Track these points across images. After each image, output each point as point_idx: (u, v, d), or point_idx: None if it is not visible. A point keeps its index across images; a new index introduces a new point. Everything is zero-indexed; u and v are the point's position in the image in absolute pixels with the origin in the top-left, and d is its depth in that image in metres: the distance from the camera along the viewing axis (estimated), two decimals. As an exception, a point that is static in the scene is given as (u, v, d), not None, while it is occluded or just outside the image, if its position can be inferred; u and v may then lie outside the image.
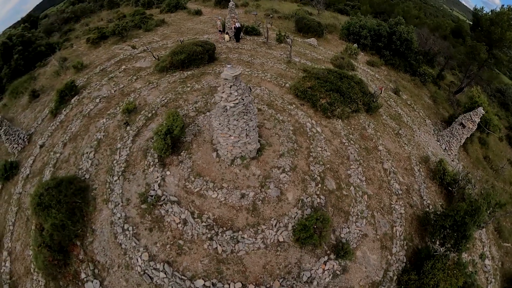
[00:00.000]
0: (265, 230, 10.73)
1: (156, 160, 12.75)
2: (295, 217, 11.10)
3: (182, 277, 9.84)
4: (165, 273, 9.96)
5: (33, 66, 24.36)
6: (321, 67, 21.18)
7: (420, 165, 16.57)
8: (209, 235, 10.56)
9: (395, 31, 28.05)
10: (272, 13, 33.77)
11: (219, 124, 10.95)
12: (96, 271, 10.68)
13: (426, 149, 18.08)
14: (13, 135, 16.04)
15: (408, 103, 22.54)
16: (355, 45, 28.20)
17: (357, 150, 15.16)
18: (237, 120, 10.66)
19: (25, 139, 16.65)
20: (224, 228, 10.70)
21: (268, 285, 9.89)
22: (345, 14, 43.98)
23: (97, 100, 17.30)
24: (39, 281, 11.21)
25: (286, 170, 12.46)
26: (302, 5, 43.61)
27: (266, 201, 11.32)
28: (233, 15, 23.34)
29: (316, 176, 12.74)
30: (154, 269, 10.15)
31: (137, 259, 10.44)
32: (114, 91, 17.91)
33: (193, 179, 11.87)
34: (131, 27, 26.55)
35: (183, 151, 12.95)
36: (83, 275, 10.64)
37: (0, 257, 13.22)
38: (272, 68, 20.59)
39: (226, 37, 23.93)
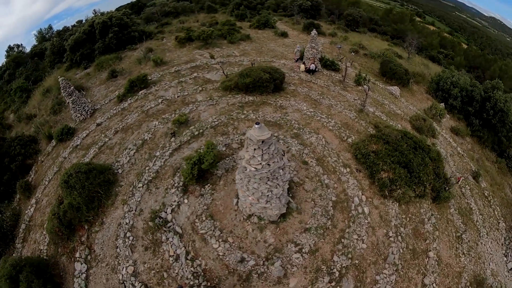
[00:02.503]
0: (247, 309, 10.13)
1: (181, 184, 13.25)
2: (286, 310, 10.22)
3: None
4: (139, 294, 10.27)
5: (123, 48, 28.23)
6: (396, 126, 19.09)
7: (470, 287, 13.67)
8: (191, 283, 10.41)
9: (490, 96, 24.41)
10: (358, 49, 32.59)
11: (240, 179, 10.55)
12: (89, 257, 11.85)
13: (487, 265, 14.87)
14: (79, 106, 18.62)
15: (486, 194, 19.12)
16: (442, 105, 25.25)
17: (401, 251, 12.95)
18: (258, 184, 10.10)
19: (89, 113, 19.15)
20: (209, 284, 10.41)
21: None
22: (437, 63, 41.33)
23: (160, 100, 18.96)
24: (46, 238, 13.03)
25: (303, 250, 11.49)
26: (393, 45, 42.01)
27: (264, 277, 10.62)
28: (313, 45, 22.78)
29: (335, 270, 11.38)
30: (132, 285, 10.60)
31: (123, 268, 11.11)
32: (177, 97, 19.39)
33: (204, 218, 11.93)
34: (217, 36, 28.53)
35: (208, 185, 13.18)
36: (77, 254, 11.95)
37: (30, 201, 15.56)
38: (340, 114, 19.17)
39: (302, 67, 23.51)
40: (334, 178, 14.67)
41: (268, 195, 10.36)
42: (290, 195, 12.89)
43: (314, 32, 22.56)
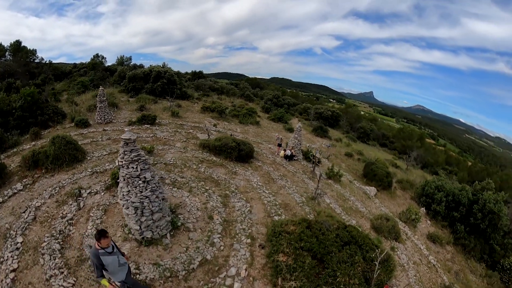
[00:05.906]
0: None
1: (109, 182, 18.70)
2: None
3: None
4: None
5: (163, 96, 39.81)
6: (347, 221, 17.56)
7: None
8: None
9: (478, 198, 22.60)
10: (354, 154, 35.69)
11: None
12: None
13: None
14: (102, 113, 27.94)
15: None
16: (422, 210, 24.80)
17: None
18: (122, 183, 11.59)
19: (106, 121, 28.29)
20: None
21: None
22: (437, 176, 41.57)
23: (151, 135, 26.89)
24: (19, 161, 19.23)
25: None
26: (397, 158, 44.63)
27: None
28: (296, 135, 27.33)
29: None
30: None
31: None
32: (164, 138, 26.86)
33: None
34: (233, 115, 37.64)
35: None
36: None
37: (31, 143, 22.88)
38: (287, 195, 18.89)
39: (282, 153, 27.48)
40: (227, 242, 13.54)
41: (127, 201, 11.60)
42: (172, 233, 13.44)
43: (299, 125, 27.92)
